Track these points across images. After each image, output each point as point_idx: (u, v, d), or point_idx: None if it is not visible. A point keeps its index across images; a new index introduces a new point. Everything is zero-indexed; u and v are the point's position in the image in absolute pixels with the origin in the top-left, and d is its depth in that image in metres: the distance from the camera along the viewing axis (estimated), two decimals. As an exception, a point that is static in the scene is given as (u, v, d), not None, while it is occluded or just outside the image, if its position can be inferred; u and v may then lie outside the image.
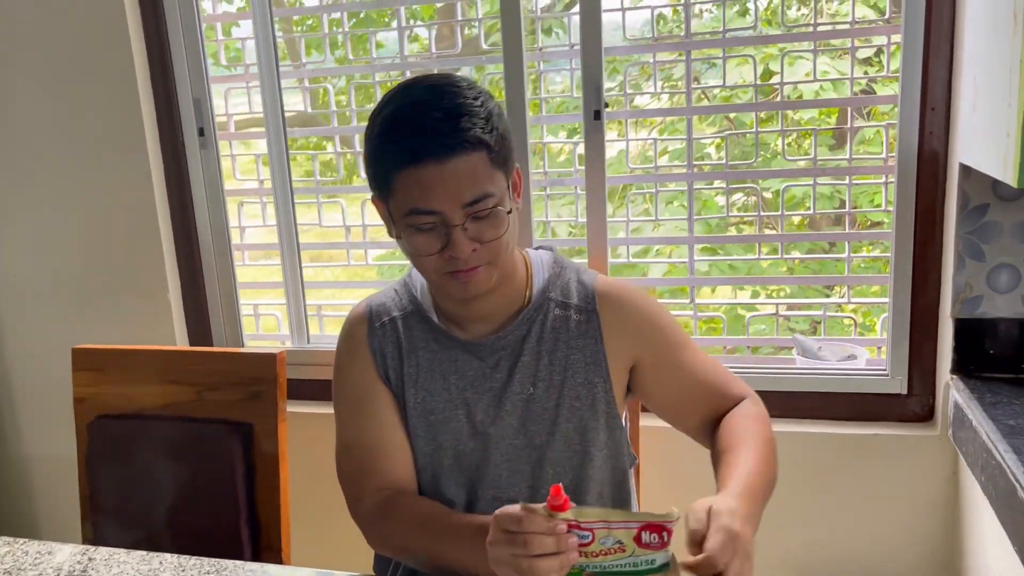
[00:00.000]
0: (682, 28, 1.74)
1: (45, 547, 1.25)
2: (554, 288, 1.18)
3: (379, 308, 1.23)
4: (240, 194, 2.15)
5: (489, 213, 1.03)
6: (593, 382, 1.15)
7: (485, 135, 1.01)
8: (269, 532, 1.49)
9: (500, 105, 1.09)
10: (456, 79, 1.07)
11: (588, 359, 1.15)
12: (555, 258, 1.22)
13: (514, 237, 1.10)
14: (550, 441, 1.15)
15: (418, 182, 1.02)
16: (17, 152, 2.07)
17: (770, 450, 1.11)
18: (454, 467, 1.18)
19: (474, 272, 1.07)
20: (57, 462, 2.20)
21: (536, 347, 1.16)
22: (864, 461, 1.67)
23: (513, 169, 1.10)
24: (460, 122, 1.00)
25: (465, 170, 1.01)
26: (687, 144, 1.85)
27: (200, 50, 1.95)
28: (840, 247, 3.01)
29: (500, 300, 1.15)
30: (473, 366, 1.17)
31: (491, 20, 1.89)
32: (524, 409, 1.15)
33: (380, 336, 1.21)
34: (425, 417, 1.18)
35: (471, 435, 1.17)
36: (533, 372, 1.15)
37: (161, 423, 1.54)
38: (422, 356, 1.19)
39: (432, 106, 1.01)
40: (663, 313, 1.21)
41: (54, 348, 2.11)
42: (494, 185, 1.04)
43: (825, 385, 1.74)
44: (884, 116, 2.66)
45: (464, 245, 1.03)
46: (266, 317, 2.29)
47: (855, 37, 1.80)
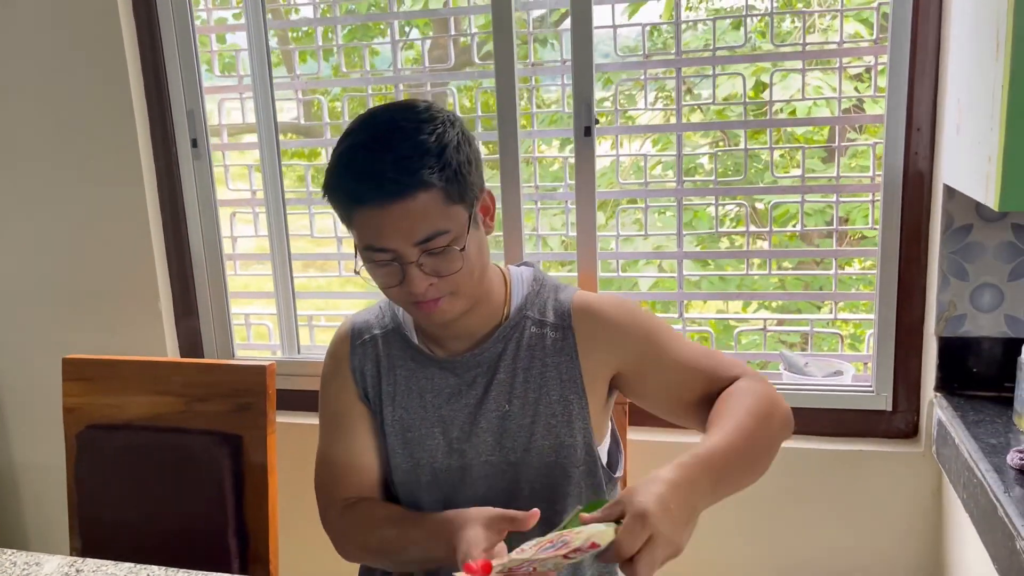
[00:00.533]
0: (675, 39, 1.75)
1: (33, 558, 1.25)
2: (532, 306, 1.19)
3: (361, 326, 1.26)
4: (232, 204, 2.16)
5: (444, 249, 1.04)
6: (568, 399, 1.16)
7: (434, 175, 1.01)
8: (257, 543, 1.49)
9: (464, 132, 1.07)
10: (413, 112, 1.05)
11: (563, 376, 1.16)
12: (535, 275, 1.23)
13: (483, 261, 1.11)
14: (525, 458, 1.16)
15: (369, 221, 1.03)
16: (9, 159, 2.07)
17: (752, 416, 1.01)
18: (432, 484, 1.20)
19: (435, 304, 1.08)
20: (46, 472, 2.19)
21: (512, 364, 1.16)
22: (849, 477, 1.69)
23: (478, 197, 1.09)
24: (408, 166, 1.00)
25: (415, 210, 1.01)
26: (677, 160, 1.86)
27: (194, 61, 1.96)
28: (830, 262, 3.04)
29: (476, 319, 1.17)
30: (449, 383, 1.18)
31: (484, 33, 1.91)
32: (499, 426, 1.16)
33: (361, 354, 1.24)
34: (403, 434, 1.20)
35: (447, 452, 1.18)
36: (508, 389, 1.16)
37: (150, 434, 1.54)
38: (400, 374, 1.21)
39: (382, 148, 1.02)
40: (638, 317, 1.18)
41: (43, 356, 2.11)
42: (449, 221, 1.04)
43: (811, 401, 1.75)
44: (876, 133, 2.69)
45: (419, 281, 1.05)
46: (257, 326, 2.29)
47: (843, 56, 1.83)
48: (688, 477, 0.89)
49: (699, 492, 0.89)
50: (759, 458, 1.02)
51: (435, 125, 1.04)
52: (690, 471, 0.90)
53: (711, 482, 0.91)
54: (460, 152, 1.04)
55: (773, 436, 1.05)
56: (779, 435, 1.07)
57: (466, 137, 1.07)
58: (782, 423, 1.07)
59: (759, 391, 1.07)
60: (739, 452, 0.97)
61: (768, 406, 1.05)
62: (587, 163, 1.78)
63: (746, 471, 1.00)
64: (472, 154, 1.07)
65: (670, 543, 0.83)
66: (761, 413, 1.03)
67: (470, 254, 1.06)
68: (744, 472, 0.99)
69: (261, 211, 2.12)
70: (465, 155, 1.05)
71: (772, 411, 1.05)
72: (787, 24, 2.97)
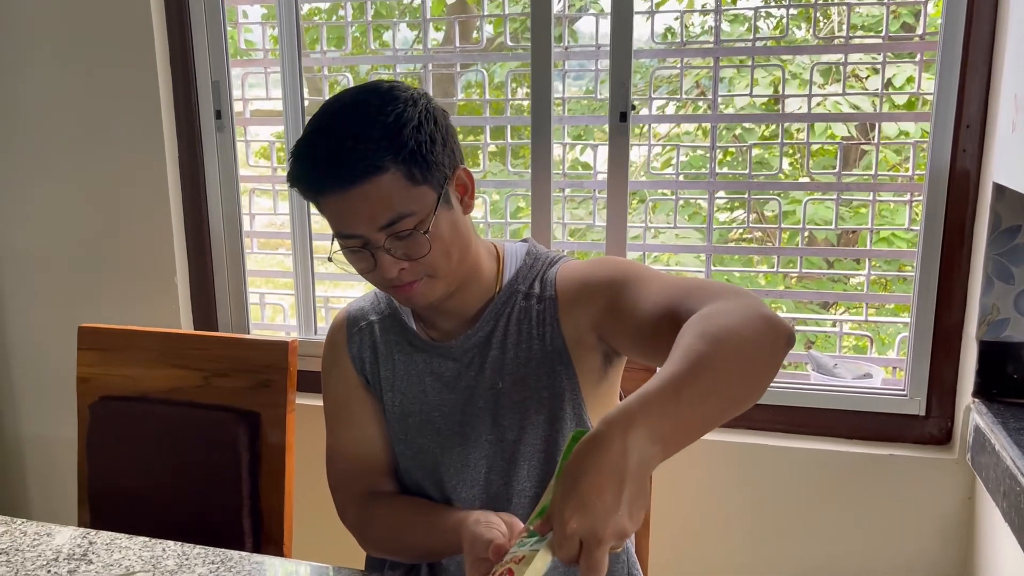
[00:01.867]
0: (703, 37, 1.71)
1: (44, 528, 1.22)
2: (523, 280, 1.15)
3: (357, 313, 1.24)
4: (252, 181, 2.12)
5: (411, 232, 1.00)
6: (556, 371, 1.11)
7: (390, 158, 0.97)
8: (271, 524, 1.46)
9: (429, 110, 1.02)
10: (373, 94, 1.01)
11: (548, 347, 1.11)
12: (528, 249, 1.19)
13: (462, 241, 1.07)
14: (522, 436, 1.12)
15: (332, 209, 1.02)
16: (31, 125, 2.03)
17: (703, 337, 0.81)
18: (434, 469, 1.17)
19: (411, 287, 1.05)
20: (54, 444, 2.16)
21: (503, 340, 1.13)
22: (879, 481, 1.65)
23: (448, 177, 1.04)
24: (362, 150, 0.96)
25: (375, 194, 0.98)
26: (711, 152, 1.82)
27: (221, 32, 1.92)
28: (838, 266, 3.00)
29: (466, 298, 1.13)
30: (448, 367, 1.15)
31: (498, 16, 1.87)
32: (495, 405, 1.13)
33: (358, 341, 1.22)
34: (403, 420, 1.18)
35: (448, 436, 1.15)
36: (500, 366, 1.12)
37: (166, 407, 1.50)
38: (398, 360, 1.18)
39: (337, 133, 0.98)
40: (609, 267, 1.09)
41: (55, 326, 2.08)
42: (412, 204, 1.00)
43: (840, 402, 1.71)
44: (893, 136, 2.65)
45: (390, 266, 1.02)
46: (271, 306, 2.26)
47: (886, 52, 1.79)
48: (608, 446, 0.71)
49: (631, 454, 0.71)
50: (730, 380, 0.80)
51: (395, 105, 1.00)
52: (609, 436, 0.71)
53: (648, 435, 0.72)
54: (422, 131, 1.00)
55: (744, 351, 0.81)
56: (756, 347, 0.83)
57: (430, 115, 1.02)
58: (759, 333, 0.83)
59: (721, 310, 0.86)
60: (685, 384, 0.76)
61: (734, 321, 0.83)
62: (621, 151, 1.74)
63: (714, 399, 0.78)
64: (438, 132, 1.02)
65: (605, 536, 0.69)
66: (719, 331, 0.81)
67: (442, 235, 1.03)
68: (712, 401, 0.78)
69: (281, 189, 2.09)
70: (427, 134, 1.00)
71: (739, 325, 0.83)
72: (801, 32, 2.94)
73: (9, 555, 1.14)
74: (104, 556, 1.14)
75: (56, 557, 1.14)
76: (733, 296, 0.89)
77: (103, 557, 1.14)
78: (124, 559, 1.13)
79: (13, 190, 2.08)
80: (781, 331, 0.84)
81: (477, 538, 0.93)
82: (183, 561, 1.12)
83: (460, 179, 1.07)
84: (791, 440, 1.71)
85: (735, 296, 0.89)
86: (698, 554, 1.78)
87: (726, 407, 0.80)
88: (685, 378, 0.76)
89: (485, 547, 0.89)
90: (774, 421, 1.73)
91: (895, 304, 2.88)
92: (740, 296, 0.89)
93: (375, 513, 1.18)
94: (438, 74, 2.16)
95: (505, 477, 1.14)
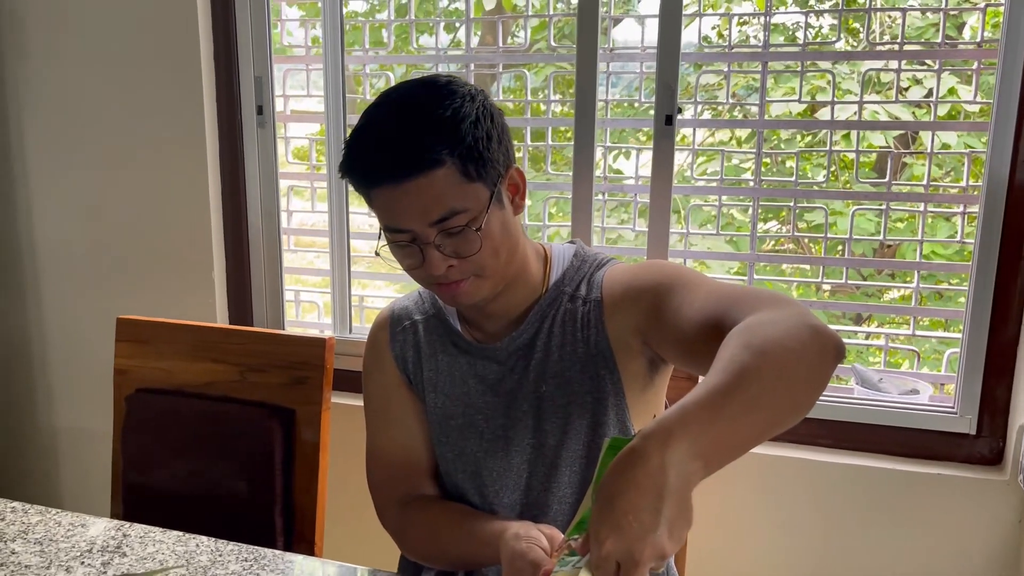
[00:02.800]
0: (763, 31, 1.67)
1: (79, 519, 1.21)
2: (570, 282, 1.12)
3: (401, 312, 1.22)
4: (291, 177, 2.12)
5: (462, 229, 0.98)
6: (600, 375, 1.08)
7: (447, 151, 0.95)
8: (303, 522, 1.44)
9: (486, 106, 1.01)
10: (431, 88, 1.00)
11: (593, 351, 1.08)
12: (576, 251, 1.16)
13: (511, 241, 1.04)
14: (564, 440, 1.10)
15: (384, 202, 0.99)
16: (75, 118, 2.04)
17: (748, 348, 0.76)
18: (475, 472, 1.15)
19: (458, 286, 1.03)
20: (88, 436, 2.17)
21: (547, 343, 1.10)
22: (925, 501, 1.60)
23: (502, 175, 1.03)
24: (419, 141, 0.95)
25: (428, 189, 0.96)
26: (756, 157, 1.79)
27: (265, 28, 1.92)
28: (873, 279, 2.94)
29: (512, 299, 1.11)
30: (492, 369, 1.13)
31: (542, 18, 1.85)
32: (538, 408, 1.10)
33: (401, 341, 1.20)
34: (445, 422, 1.16)
35: (491, 439, 1.13)
36: (544, 369, 1.10)
37: (201, 401, 1.49)
38: (441, 360, 1.16)
39: (395, 125, 0.97)
40: (655, 271, 1.06)
41: (94, 318, 2.09)
42: (466, 200, 0.98)
43: (885, 418, 1.66)
44: (947, 147, 2.59)
45: (438, 262, 1.00)
46: (306, 303, 2.25)
47: (942, 59, 1.74)
48: (645, 462, 0.67)
49: (670, 470, 0.67)
50: (775, 393, 0.75)
51: (453, 99, 0.97)
52: (647, 451, 0.68)
53: (688, 450, 0.68)
54: (479, 127, 0.98)
55: (789, 364, 0.76)
56: (802, 359, 0.77)
57: (487, 111, 1.00)
58: (805, 345, 0.78)
59: (766, 320, 0.81)
60: (727, 397, 0.72)
61: (780, 332, 0.78)
62: (665, 155, 1.71)
63: (758, 413, 0.74)
64: (495, 129, 1.00)
65: (643, 559, 0.66)
66: (764, 342, 0.76)
67: (492, 234, 1.01)
68: (756, 415, 0.74)
69: (319, 187, 2.08)
70: (484, 130, 0.98)
71: (785, 336, 0.78)
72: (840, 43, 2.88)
73: (43, 545, 1.13)
74: (138, 549, 1.13)
75: (90, 548, 1.13)
76: (780, 305, 0.85)
77: (136, 550, 1.12)
78: (158, 553, 1.12)
79: (56, 182, 2.10)
80: (829, 343, 0.79)
81: (518, 555, 0.92)
82: (216, 557, 1.11)
83: (512, 179, 1.05)
84: (834, 455, 1.67)
85: (782, 305, 0.85)
86: (736, 569, 1.73)
87: (771, 422, 0.75)
88: (727, 391, 0.72)
89: (527, 565, 0.89)
90: (817, 435, 1.69)
91: (930, 319, 2.81)
92: (787, 305, 0.85)
93: (414, 517, 1.16)
94: (478, 75, 2.15)
95: (546, 483, 1.11)
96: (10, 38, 2.05)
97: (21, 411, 2.26)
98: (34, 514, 1.22)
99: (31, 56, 2.04)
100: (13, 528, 1.18)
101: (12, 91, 2.08)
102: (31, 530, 1.17)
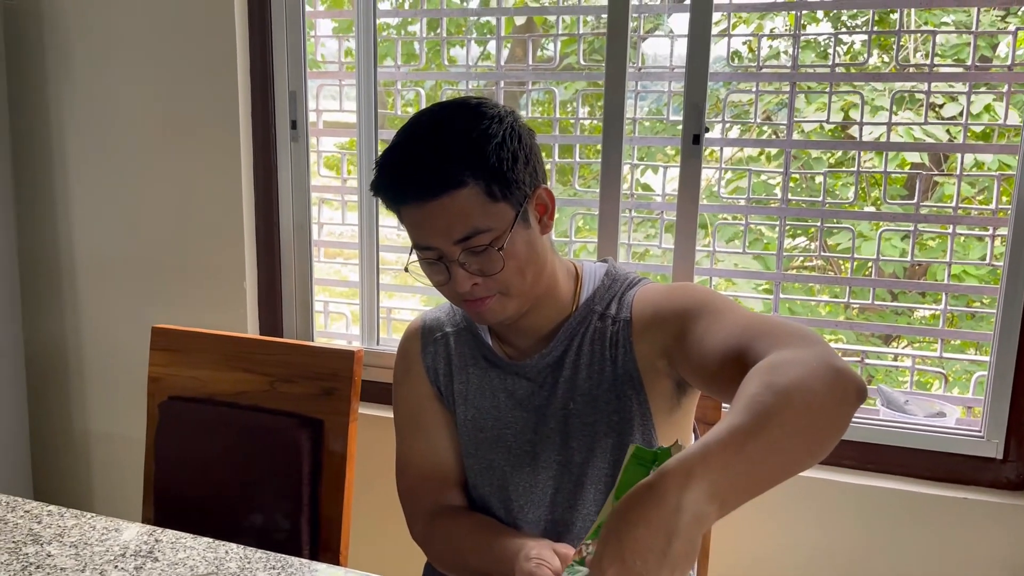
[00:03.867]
0: (770, 62, 1.68)
1: (112, 523, 1.24)
2: (600, 301, 1.13)
3: (432, 323, 1.24)
4: (322, 191, 2.15)
5: (486, 248, 1.01)
6: (627, 395, 1.08)
7: (471, 172, 0.98)
8: (329, 532, 1.46)
9: (515, 128, 1.03)
10: (462, 109, 1.02)
11: (620, 371, 1.09)
12: (608, 270, 1.17)
13: (538, 261, 1.06)
14: (589, 459, 1.11)
15: (412, 219, 1.03)
16: (114, 129, 2.10)
17: (771, 389, 0.75)
18: (502, 486, 1.16)
19: (484, 303, 1.05)
20: (120, 442, 2.21)
21: (575, 360, 1.11)
22: (950, 525, 1.59)
23: (529, 195, 1.04)
24: (444, 162, 0.98)
25: (452, 208, 0.99)
26: (783, 176, 1.79)
27: (301, 45, 1.96)
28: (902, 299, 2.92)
29: (541, 317, 1.13)
30: (521, 386, 1.14)
31: (594, 34, 1.86)
32: (565, 426, 1.11)
33: (432, 352, 1.22)
34: (475, 435, 1.18)
35: (519, 454, 1.14)
36: (572, 387, 1.11)
37: (231, 410, 1.52)
38: (472, 373, 1.18)
39: (422, 146, 1.00)
40: (685, 294, 1.06)
41: (127, 325, 2.14)
42: (489, 220, 1.00)
43: (911, 440, 1.66)
44: (980, 166, 2.57)
45: (463, 280, 1.03)
46: (334, 315, 2.28)
47: (973, 80, 1.74)
48: (661, 501, 0.67)
49: (685, 513, 0.67)
50: (796, 437, 0.74)
51: (480, 121, 1.00)
52: (664, 490, 0.67)
53: (706, 493, 0.68)
54: (504, 149, 1.00)
55: (812, 407, 0.76)
56: (825, 402, 0.77)
57: (515, 133, 1.03)
58: (828, 387, 0.77)
59: (790, 360, 0.80)
60: (749, 438, 0.71)
61: (804, 373, 0.77)
62: (692, 174, 1.72)
63: (778, 456, 0.73)
64: (522, 150, 1.03)
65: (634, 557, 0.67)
66: (788, 383, 0.75)
67: (517, 253, 1.03)
68: (776, 458, 0.73)
69: (350, 200, 2.11)
70: (510, 151, 1.00)
71: (809, 378, 0.77)
72: (873, 59, 2.88)
73: (79, 548, 1.16)
74: (169, 555, 1.15)
75: (123, 553, 1.16)
76: (804, 343, 0.84)
77: (168, 556, 1.15)
78: (188, 559, 1.14)
79: (94, 193, 2.15)
80: (851, 386, 0.78)
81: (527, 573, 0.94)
82: (245, 564, 1.13)
83: (540, 198, 1.07)
84: (859, 477, 1.66)
85: (806, 343, 0.84)
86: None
87: (789, 465, 0.75)
88: (749, 432, 0.71)
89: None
90: (841, 456, 1.68)
91: (961, 340, 2.78)
92: (811, 344, 0.84)
93: (440, 527, 1.18)
94: (507, 91, 2.17)
95: (571, 500, 1.12)
96: (53, 54, 2.11)
97: (56, 416, 2.31)
98: (69, 518, 1.25)
99: (73, 71, 2.10)
100: (49, 531, 1.21)
101: (55, 105, 2.14)
102: (67, 533, 1.20)
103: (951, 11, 2.64)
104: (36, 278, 2.25)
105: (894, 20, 2.54)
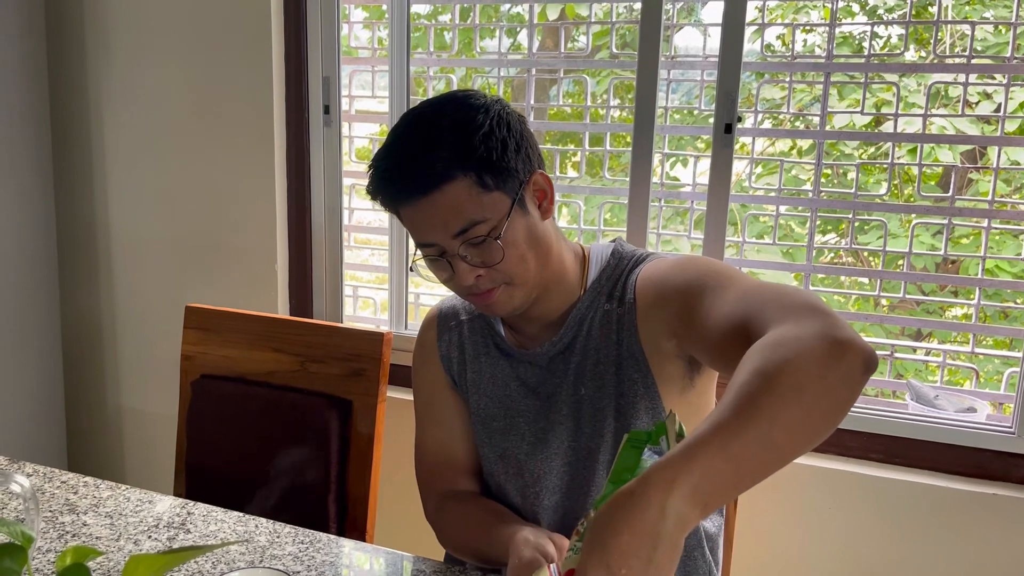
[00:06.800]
0: (828, 41, 1.67)
1: (146, 496, 1.27)
2: (607, 282, 1.12)
3: (448, 311, 1.25)
4: (353, 176, 2.17)
5: (485, 239, 1.01)
6: (632, 378, 1.07)
7: (459, 164, 0.98)
8: (356, 511, 1.48)
9: (502, 116, 1.02)
10: (446, 103, 1.03)
11: (624, 353, 1.08)
12: (614, 250, 1.15)
13: (542, 248, 1.06)
14: (600, 444, 1.11)
15: (409, 219, 1.04)
16: (151, 113, 2.13)
17: (758, 374, 0.73)
18: (517, 474, 1.17)
19: (490, 295, 1.05)
20: (152, 418, 2.25)
21: (585, 345, 1.11)
22: (980, 521, 1.57)
23: (524, 182, 1.04)
24: (431, 158, 0.99)
25: (445, 203, 0.99)
26: (816, 168, 1.78)
27: (335, 30, 1.97)
28: (934, 295, 2.88)
29: (550, 304, 1.12)
30: (533, 373, 1.15)
31: (605, 25, 1.86)
32: (577, 411, 1.11)
33: (447, 341, 1.23)
34: (488, 423, 1.18)
35: (532, 442, 1.15)
36: (582, 372, 1.11)
37: (261, 389, 1.55)
38: (484, 363, 1.19)
39: (407, 145, 1.01)
40: (689, 268, 1.03)
41: (161, 304, 2.18)
42: (484, 210, 1.00)
43: (941, 435, 1.64)
44: (1015, 163, 2.52)
45: (466, 273, 1.03)
46: (363, 299, 2.30)
47: (1011, 73, 1.71)
48: (644, 508, 0.67)
49: (668, 518, 0.66)
50: (786, 428, 0.71)
51: (465, 113, 1.01)
52: (647, 498, 0.67)
53: (690, 497, 0.67)
54: (492, 138, 1.00)
55: (806, 392, 0.72)
56: (823, 384, 0.73)
57: (503, 121, 1.02)
58: (827, 365, 0.73)
59: (788, 337, 0.76)
60: (734, 436, 0.69)
61: (801, 351, 0.74)
62: (724, 163, 1.71)
63: (766, 452, 0.70)
64: (511, 137, 1.02)
65: None
66: (781, 365, 0.72)
67: (516, 241, 1.02)
68: (764, 454, 0.70)
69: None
70: (498, 140, 1.00)
71: (806, 357, 0.73)
72: (910, 54, 2.83)
73: (114, 519, 1.19)
74: (201, 527, 1.18)
75: (157, 524, 1.18)
76: (808, 315, 0.79)
77: (200, 528, 1.18)
78: (219, 531, 1.17)
79: (131, 175, 2.19)
80: (857, 358, 0.73)
81: (517, 558, 0.96)
82: (274, 538, 1.15)
83: (538, 184, 1.06)
84: (887, 471, 1.65)
85: (810, 315, 0.79)
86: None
87: (779, 459, 0.72)
88: (735, 430, 0.68)
89: (524, 569, 0.93)
90: (869, 449, 1.68)
91: (994, 338, 2.75)
92: (815, 316, 0.79)
93: (449, 512, 1.20)
94: (538, 79, 2.17)
95: (585, 486, 1.13)
96: (93, 39, 2.15)
97: (91, 392, 2.36)
98: (105, 489, 1.29)
99: (112, 56, 2.14)
100: (85, 501, 1.24)
101: (95, 90, 2.18)
102: (102, 504, 1.24)
103: (990, 4, 2.60)
104: (74, 256, 2.29)
105: (932, 13, 2.51)
